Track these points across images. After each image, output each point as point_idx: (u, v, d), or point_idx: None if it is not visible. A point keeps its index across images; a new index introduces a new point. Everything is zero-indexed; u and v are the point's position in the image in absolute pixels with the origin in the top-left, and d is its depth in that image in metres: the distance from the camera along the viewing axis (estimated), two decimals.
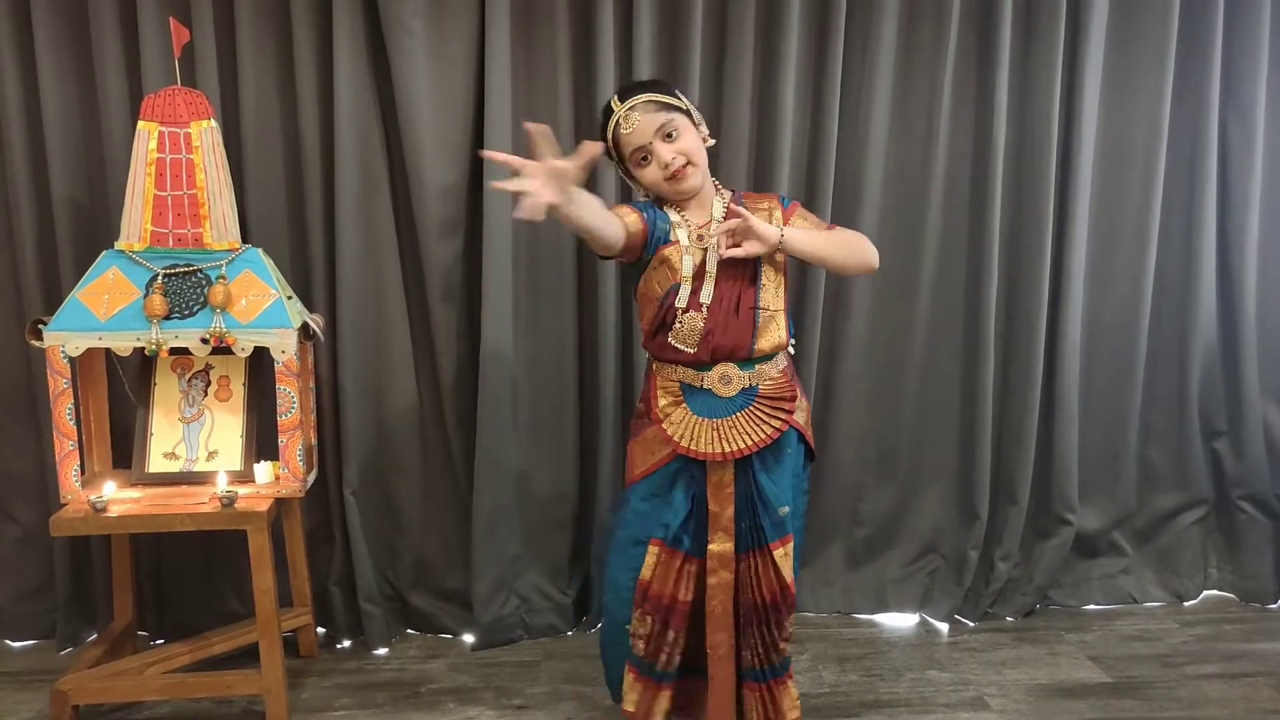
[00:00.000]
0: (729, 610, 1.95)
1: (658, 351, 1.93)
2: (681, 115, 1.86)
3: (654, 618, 1.94)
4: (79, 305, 2.15)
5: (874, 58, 2.62)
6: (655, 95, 1.85)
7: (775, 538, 1.91)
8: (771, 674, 1.98)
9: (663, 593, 1.93)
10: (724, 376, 1.88)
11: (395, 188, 2.56)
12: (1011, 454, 2.84)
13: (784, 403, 1.90)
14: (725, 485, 1.91)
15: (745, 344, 1.87)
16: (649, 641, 1.96)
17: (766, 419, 1.88)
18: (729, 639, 1.96)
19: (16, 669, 2.53)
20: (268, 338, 2.18)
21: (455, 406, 2.63)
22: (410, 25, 2.40)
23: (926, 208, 2.73)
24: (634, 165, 1.89)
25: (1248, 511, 2.98)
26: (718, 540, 1.92)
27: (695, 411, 1.89)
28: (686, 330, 1.87)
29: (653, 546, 1.93)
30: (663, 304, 1.88)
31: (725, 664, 1.98)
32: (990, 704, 2.38)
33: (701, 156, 1.88)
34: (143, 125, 2.17)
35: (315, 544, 2.66)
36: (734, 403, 1.88)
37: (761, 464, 1.91)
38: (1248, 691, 2.44)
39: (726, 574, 1.93)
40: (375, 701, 2.39)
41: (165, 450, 2.33)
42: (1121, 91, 2.76)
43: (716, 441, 1.87)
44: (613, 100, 1.88)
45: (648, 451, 1.96)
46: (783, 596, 1.93)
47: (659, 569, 1.93)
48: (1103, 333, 2.87)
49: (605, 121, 1.89)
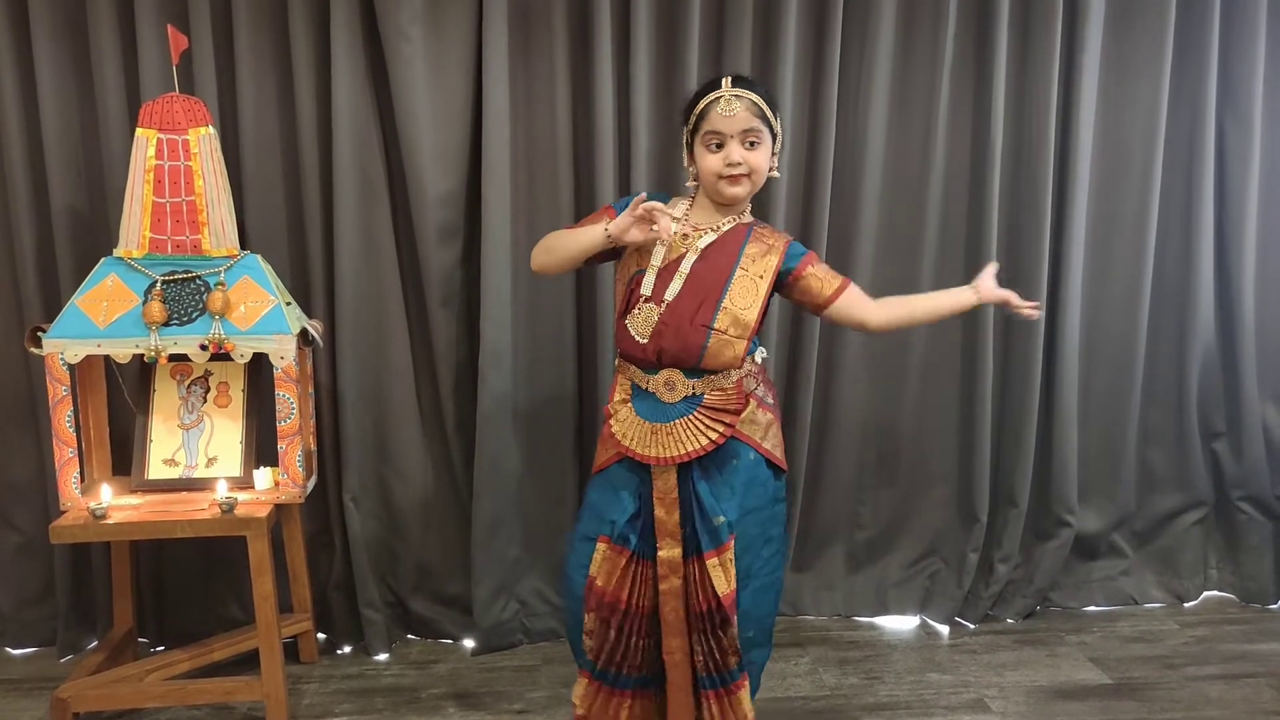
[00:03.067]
0: (681, 616, 1.94)
1: (618, 340, 1.95)
2: (768, 134, 1.89)
3: (597, 615, 1.93)
4: (78, 312, 2.15)
5: (871, 60, 2.62)
6: (762, 102, 1.87)
7: (710, 546, 1.89)
8: (722, 682, 1.95)
9: (606, 590, 1.92)
10: (669, 382, 1.89)
11: (394, 194, 2.56)
12: (1011, 456, 2.84)
13: (726, 414, 1.88)
14: (670, 491, 1.90)
15: (692, 355, 1.87)
16: (594, 637, 1.95)
17: (704, 430, 1.87)
18: (683, 644, 1.95)
19: (17, 676, 2.53)
20: (266, 344, 2.18)
21: (455, 411, 2.64)
22: (408, 32, 2.41)
23: (924, 210, 2.73)
24: (703, 143, 1.89)
25: (1247, 512, 2.98)
26: (665, 546, 1.92)
27: (639, 413, 1.91)
28: (642, 319, 1.88)
29: (600, 543, 1.93)
30: (630, 282, 1.91)
31: (681, 669, 1.96)
32: (991, 706, 2.38)
33: (761, 178, 1.90)
34: (141, 132, 2.17)
35: (315, 549, 2.66)
36: (675, 409, 1.88)
37: (702, 472, 1.90)
38: (1248, 693, 2.44)
39: (676, 580, 1.92)
40: (375, 707, 2.38)
41: (165, 457, 2.33)
42: (1119, 92, 2.76)
43: (654, 445, 1.88)
44: (724, 79, 1.89)
45: (604, 448, 1.98)
46: (716, 606, 1.89)
47: (605, 565, 1.93)
48: (1101, 334, 2.87)
49: (703, 91, 1.90)
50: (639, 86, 2.51)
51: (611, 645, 1.94)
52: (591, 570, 1.94)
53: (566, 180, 2.59)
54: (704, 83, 1.97)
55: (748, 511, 1.92)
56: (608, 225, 1.86)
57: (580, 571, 1.96)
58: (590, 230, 1.89)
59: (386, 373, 2.63)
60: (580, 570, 1.96)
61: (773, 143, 1.91)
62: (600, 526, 1.94)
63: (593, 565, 1.94)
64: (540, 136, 2.58)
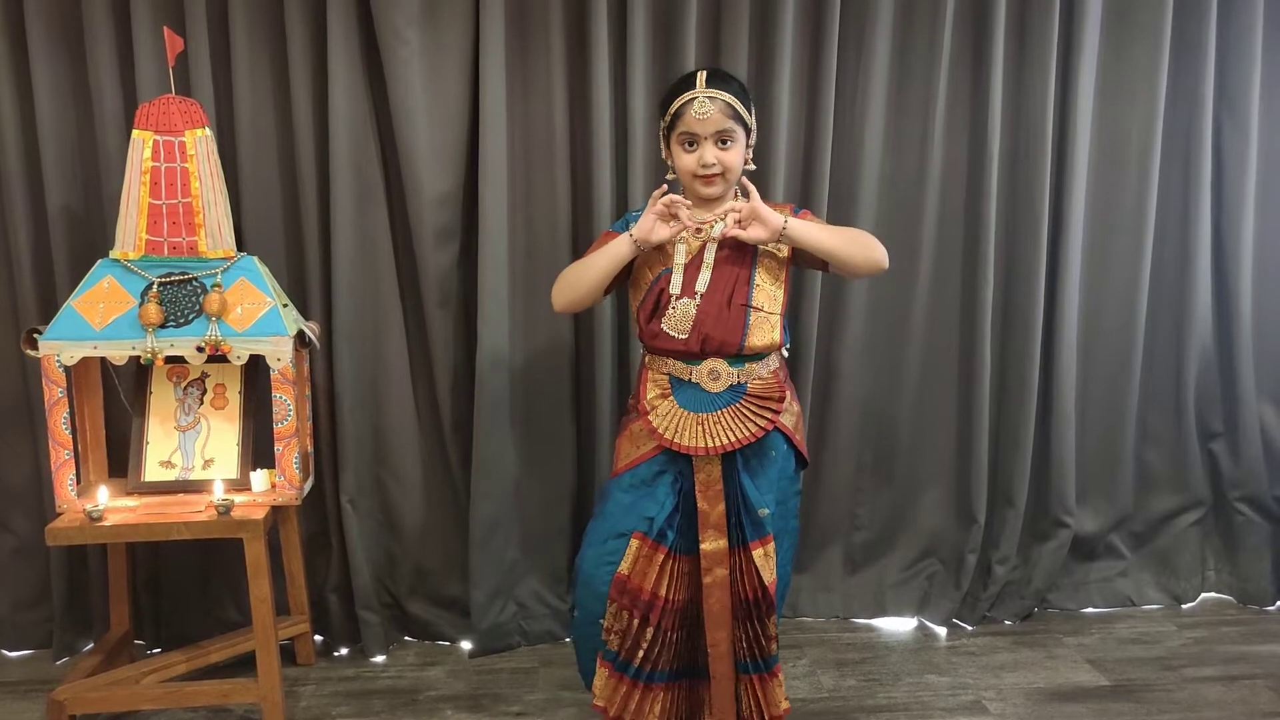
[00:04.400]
0: (727, 607, 1.95)
1: (650, 340, 1.94)
2: (741, 131, 1.90)
3: (631, 613, 1.93)
4: (74, 314, 2.15)
5: (869, 60, 2.62)
6: (736, 102, 1.88)
7: (755, 538, 1.92)
8: (765, 666, 1.98)
9: (642, 587, 1.92)
10: (713, 371, 1.90)
11: (391, 195, 2.56)
12: (1009, 457, 2.84)
13: (771, 403, 1.90)
14: (714, 483, 1.92)
15: (735, 339, 1.88)
16: (624, 637, 1.95)
17: (752, 417, 1.89)
18: (728, 636, 1.97)
19: (13, 679, 2.53)
20: (263, 346, 2.18)
21: (452, 413, 2.63)
22: (405, 33, 2.40)
23: (922, 210, 2.73)
24: (677, 142, 1.92)
25: (1245, 513, 2.98)
26: (709, 539, 1.93)
27: (682, 405, 1.91)
28: (679, 316, 1.89)
29: (634, 540, 1.93)
30: (654, 287, 1.92)
31: (725, 661, 1.98)
32: (989, 708, 2.38)
33: (735, 174, 1.92)
34: (137, 134, 2.17)
35: (312, 552, 2.65)
36: (721, 398, 1.90)
37: (745, 464, 1.92)
38: (1246, 694, 2.44)
39: (722, 571, 1.94)
40: (373, 709, 2.38)
41: (161, 459, 2.32)
42: (1116, 92, 2.76)
43: (701, 436, 1.88)
44: (699, 76, 1.89)
45: (634, 444, 1.98)
46: (762, 595, 1.92)
47: (639, 563, 1.93)
48: (1099, 335, 2.87)
49: (678, 88, 1.92)
50: (635, 87, 2.51)
51: (649, 642, 1.94)
52: (623, 567, 1.93)
53: (563, 181, 2.59)
54: (680, 77, 1.98)
55: (778, 503, 1.96)
56: (631, 232, 1.89)
57: (605, 569, 1.95)
58: (610, 248, 1.92)
59: (383, 374, 2.63)
60: (605, 568, 1.95)
61: (747, 137, 1.92)
62: (636, 523, 1.94)
63: (625, 562, 1.93)
64: (537, 137, 2.57)
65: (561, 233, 2.61)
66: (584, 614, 2.01)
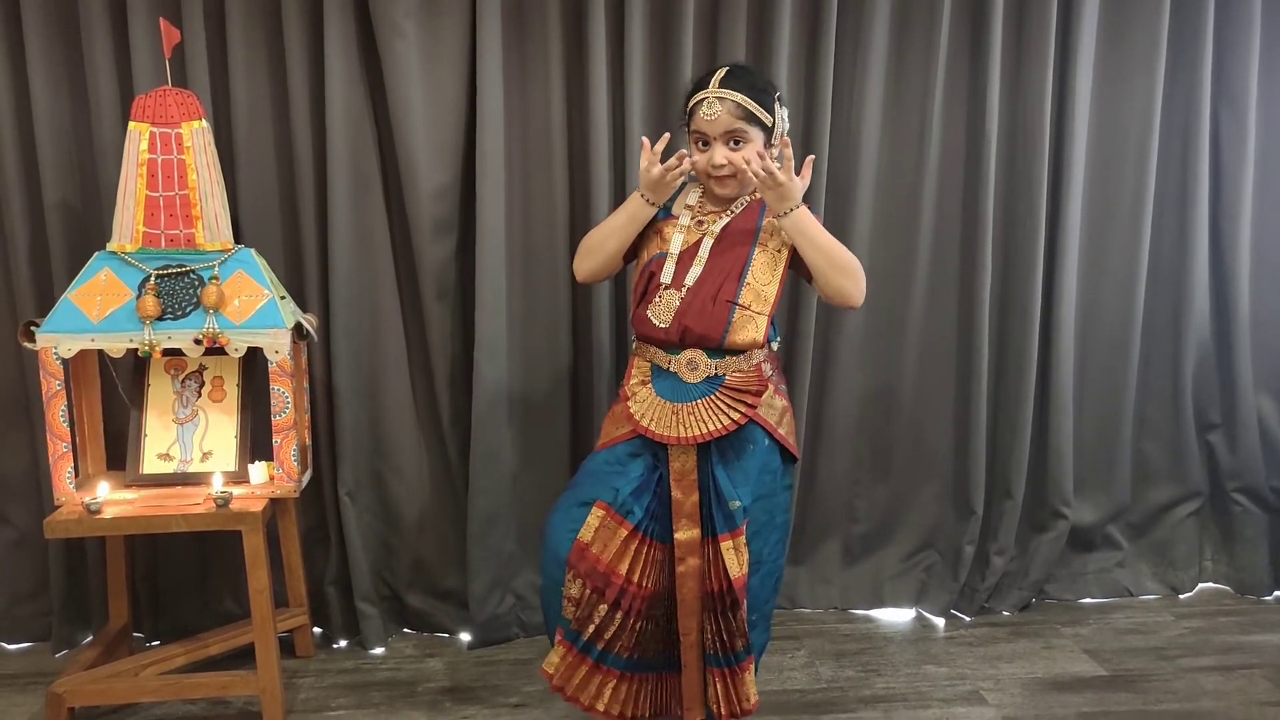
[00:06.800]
0: (697, 595, 1.95)
1: (638, 326, 1.97)
2: (757, 129, 1.89)
3: (587, 582, 1.91)
4: (71, 307, 2.14)
5: (866, 54, 2.61)
6: (748, 102, 1.87)
7: (725, 530, 1.91)
8: (732, 661, 1.96)
9: (600, 558, 1.91)
10: (691, 362, 1.91)
11: (388, 188, 2.56)
12: (1006, 448, 2.84)
13: (748, 395, 1.90)
14: (688, 473, 1.92)
15: (716, 334, 1.89)
16: (579, 606, 1.93)
17: (726, 409, 1.89)
18: (698, 625, 1.97)
19: (12, 672, 2.53)
20: (261, 338, 2.18)
21: (450, 406, 2.63)
22: (402, 26, 2.40)
23: (920, 203, 2.73)
24: (692, 140, 1.95)
25: (1242, 504, 2.99)
26: (683, 528, 1.94)
27: (659, 393, 1.92)
28: (663, 305, 1.91)
29: (597, 509, 1.93)
30: (645, 270, 1.95)
31: (696, 650, 1.98)
32: (987, 698, 2.39)
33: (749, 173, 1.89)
34: (134, 126, 2.16)
35: (310, 544, 2.66)
36: (697, 389, 1.91)
37: (720, 456, 1.92)
38: (1243, 684, 2.45)
39: (695, 561, 1.94)
40: (372, 701, 2.38)
41: (159, 451, 2.32)
42: (1114, 84, 2.76)
43: (675, 425, 1.89)
44: (715, 76, 1.90)
45: (614, 425, 2.00)
46: (727, 588, 1.90)
47: (600, 532, 1.91)
48: (1097, 326, 2.87)
49: (695, 87, 1.95)
50: (633, 80, 2.51)
51: (603, 619, 1.92)
52: (583, 535, 1.92)
53: (561, 174, 2.59)
54: (699, 75, 1.99)
55: (759, 497, 1.95)
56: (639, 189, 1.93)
57: (566, 534, 1.93)
58: (623, 206, 1.97)
59: (381, 367, 2.63)
60: (566, 533, 1.93)
61: (768, 135, 1.92)
62: (600, 492, 1.94)
63: (585, 530, 1.92)
64: (535, 130, 2.57)
65: (559, 225, 2.61)
66: (547, 581, 1.98)
